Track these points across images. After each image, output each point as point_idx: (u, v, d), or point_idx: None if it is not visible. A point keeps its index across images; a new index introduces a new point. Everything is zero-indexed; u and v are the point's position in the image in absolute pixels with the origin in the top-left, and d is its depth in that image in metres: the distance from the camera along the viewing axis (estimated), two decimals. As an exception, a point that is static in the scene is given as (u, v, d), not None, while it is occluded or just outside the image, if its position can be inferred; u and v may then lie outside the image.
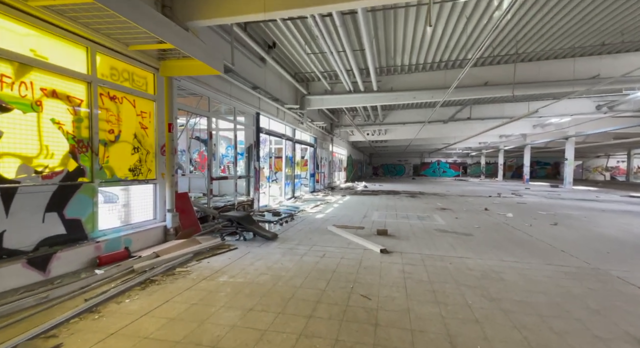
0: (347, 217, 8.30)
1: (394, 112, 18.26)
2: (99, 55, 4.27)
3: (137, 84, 4.95)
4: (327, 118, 17.61)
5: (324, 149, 17.95)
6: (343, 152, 24.86)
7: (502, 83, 10.30)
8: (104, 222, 4.46)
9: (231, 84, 7.51)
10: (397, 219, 7.99)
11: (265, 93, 9.18)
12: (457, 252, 4.92)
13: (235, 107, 8.10)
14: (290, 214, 8.42)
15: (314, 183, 15.80)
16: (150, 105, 5.21)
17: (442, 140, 27.12)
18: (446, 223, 7.51)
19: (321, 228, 6.75)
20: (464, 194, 15.70)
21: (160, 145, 5.37)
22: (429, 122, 17.36)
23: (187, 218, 5.82)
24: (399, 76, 11.50)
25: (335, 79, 12.18)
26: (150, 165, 5.23)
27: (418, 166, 44.57)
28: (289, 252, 4.78)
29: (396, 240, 5.72)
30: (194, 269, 3.96)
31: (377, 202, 11.95)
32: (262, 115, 9.56)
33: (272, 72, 9.94)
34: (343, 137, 22.55)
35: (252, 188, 9.13)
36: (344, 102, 12.08)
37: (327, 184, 18.73)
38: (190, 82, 6.15)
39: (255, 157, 9.16)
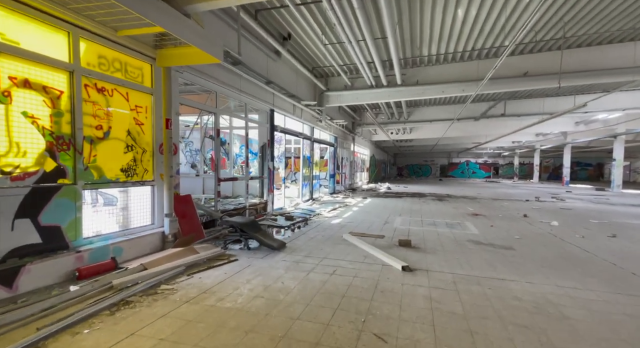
0: (367, 222, 7.53)
1: (420, 109, 17.16)
2: (84, 42, 3.83)
3: (131, 76, 4.50)
4: (348, 116, 16.84)
5: (345, 149, 17.20)
6: (365, 151, 23.95)
7: (545, 73, 9.08)
8: (89, 228, 4.02)
9: (241, 78, 6.98)
10: (422, 227, 7.12)
11: (279, 88, 8.61)
12: (498, 272, 4.05)
13: (246, 103, 7.57)
14: (305, 218, 7.78)
15: (334, 185, 15.10)
16: (146, 99, 4.76)
17: (472, 139, 25.47)
18: (480, 232, 6.55)
19: (336, 236, 6.04)
20: (497, 197, 14.37)
21: (158, 144, 4.91)
22: (458, 119, 16.11)
23: (188, 223, 5.34)
24: (426, 68, 10.54)
25: (356, 74, 11.40)
26: (146, 165, 4.77)
27: (445, 167, 42.57)
28: (294, 267, 4.13)
29: (421, 253, 4.90)
30: (181, 287, 3.40)
31: (400, 205, 11.05)
32: (276, 113, 9.00)
33: (288, 67, 9.35)
34: (365, 136, 21.66)
35: (265, 190, 8.59)
36: (365, 97, 11.28)
37: (348, 185, 17.96)
38: (194, 75, 5.66)
39: (269, 157, 8.61)
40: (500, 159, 40.95)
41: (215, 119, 6.46)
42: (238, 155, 9.76)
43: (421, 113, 17.18)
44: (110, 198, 4.91)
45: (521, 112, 15.45)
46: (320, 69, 10.94)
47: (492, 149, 35.72)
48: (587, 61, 8.83)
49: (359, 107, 17.14)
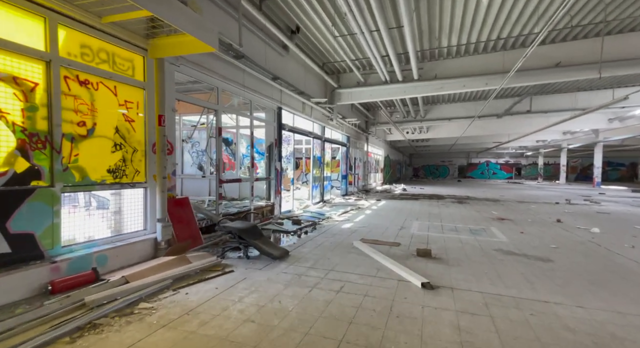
0: (381, 227, 6.92)
1: (438, 106, 16.33)
2: (63, 29, 3.46)
3: (120, 68, 4.12)
4: (361, 115, 16.23)
5: (358, 149, 16.59)
6: (380, 152, 23.22)
7: (582, 63, 8.20)
8: (70, 235, 3.65)
9: (244, 73, 6.55)
10: (443, 233, 6.45)
11: (287, 85, 8.14)
12: (538, 291, 3.39)
13: (251, 100, 7.14)
14: (313, 223, 7.26)
15: (346, 186, 14.52)
16: (138, 94, 4.37)
17: (493, 138, 24.25)
18: (509, 240, 5.83)
19: (346, 242, 5.48)
20: (523, 200, 13.38)
21: (152, 143, 4.51)
22: (479, 116, 15.19)
23: (185, 228, 4.92)
24: (445, 61, 9.82)
25: (369, 69, 10.80)
26: (138, 165, 4.38)
27: (464, 167, 41.07)
28: (295, 281, 3.61)
29: (444, 265, 4.28)
30: (163, 305, 2.95)
31: (417, 208, 10.34)
32: (284, 110, 8.54)
33: (297, 62, 8.88)
34: (380, 135, 20.95)
35: (272, 192, 8.13)
36: (379, 94, 10.66)
37: (361, 187, 17.32)
38: (192, 69, 5.26)
39: (276, 157, 8.15)
40: (522, 159, 39.11)
41: (217, 117, 6.05)
42: (245, 155, 9.37)
43: (439, 111, 16.34)
44: (98, 201, 4.56)
45: (549, 108, 14.38)
46: (331, 64, 10.41)
47: (514, 149, 34.10)
48: (633, 48, 7.89)
49: (373, 105, 16.50)
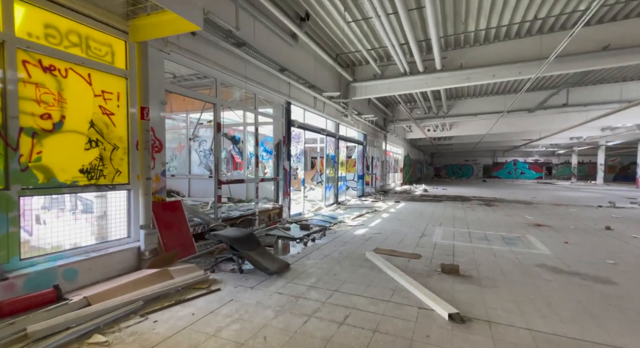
0: (398, 234, 6.15)
1: (462, 101, 15.19)
2: (21, 5, 2.97)
3: (96, 53, 3.61)
4: (378, 111, 15.36)
5: (375, 147, 15.75)
6: (399, 150, 22.20)
7: (636, 44, 7.05)
8: (32, 246, 3.16)
9: (246, 63, 5.96)
10: (471, 241, 5.60)
11: (297, 77, 7.50)
12: (608, 331, 2.55)
13: (255, 93, 6.56)
14: (323, 228, 6.58)
15: (362, 187, 13.73)
16: (118, 84, 3.86)
17: (523, 135, 22.60)
18: (553, 253, 4.91)
19: (357, 253, 4.77)
20: (559, 202, 12.09)
21: (137, 139, 3.99)
22: (508, 111, 13.94)
23: (175, 235, 4.38)
24: (472, 49, 8.87)
25: (387, 60, 9.99)
26: (119, 164, 3.88)
27: (489, 166, 39.02)
28: (291, 306, 2.95)
29: (475, 286, 3.49)
30: (120, 339, 2.37)
31: (440, 211, 9.43)
32: (294, 106, 7.91)
33: (307, 52, 8.22)
34: (399, 133, 19.96)
35: (280, 193, 7.53)
36: (397, 87, 9.84)
37: (379, 187, 16.46)
38: (185, 56, 4.72)
39: (284, 156, 7.54)
40: (553, 158, 36.63)
41: (215, 111, 5.49)
42: (252, 154, 8.82)
43: (463, 106, 15.21)
44: (71, 205, 4.09)
45: (589, 100, 12.96)
46: (345, 56, 9.68)
47: (545, 147, 31.91)
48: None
49: (391, 100, 15.59)
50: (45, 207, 3.86)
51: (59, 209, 3.92)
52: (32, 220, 3.62)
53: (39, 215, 3.73)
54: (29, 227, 3.52)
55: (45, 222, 3.58)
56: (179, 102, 9.58)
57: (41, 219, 3.61)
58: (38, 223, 3.75)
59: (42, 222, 3.65)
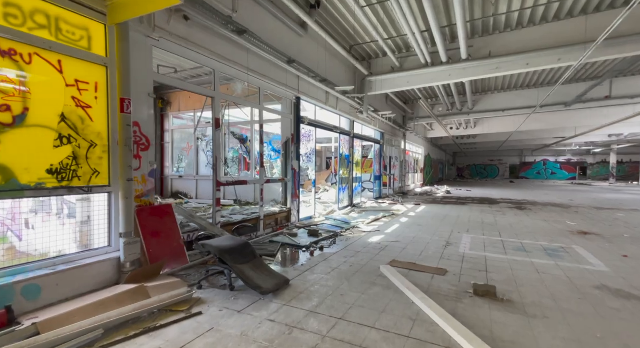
0: (419, 242, 5.41)
1: (489, 96, 14.09)
2: (-32, -21, 2.55)
3: (69, 38, 3.17)
4: (397, 108, 14.54)
5: (394, 147, 14.92)
6: (419, 150, 21.17)
7: None
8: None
9: (249, 53, 5.44)
10: (506, 253, 4.79)
11: (307, 70, 6.91)
12: None
13: (260, 87, 6.03)
14: (334, 234, 5.95)
15: (380, 188, 12.96)
16: (97, 73, 3.41)
17: (555, 132, 20.97)
18: (612, 270, 4.03)
19: (370, 266, 4.10)
20: (601, 206, 10.82)
21: (125, 136, 3.52)
22: (541, 106, 12.74)
23: (162, 244, 3.89)
24: (502, 35, 7.96)
25: (406, 51, 9.23)
26: (96, 164, 3.42)
27: (516, 167, 36.91)
28: (282, 340, 2.34)
29: (519, 317, 2.74)
30: (58, 385, 1.84)
31: (466, 215, 8.55)
32: (304, 101, 7.34)
33: (318, 43, 7.62)
34: (419, 132, 18.97)
35: (289, 196, 6.97)
36: (418, 80, 9.05)
37: (397, 189, 15.60)
38: (177, 44, 4.24)
39: (293, 155, 6.97)
40: (589, 157, 34.10)
41: (214, 105, 4.99)
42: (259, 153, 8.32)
43: (490, 101, 14.10)
44: (38, 210, 3.68)
45: (636, 92, 11.59)
46: (360, 47, 9.01)
47: (579, 145, 29.68)
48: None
49: (411, 96, 14.73)
50: (11, 211, 3.45)
51: (24, 213, 3.50)
52: None
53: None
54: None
55: (8, 229, 3.18)
56: (186, 101, 9.25)
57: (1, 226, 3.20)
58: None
59: (2, 230, 3.25)
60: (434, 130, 20.28)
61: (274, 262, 4.35)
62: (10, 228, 3.41)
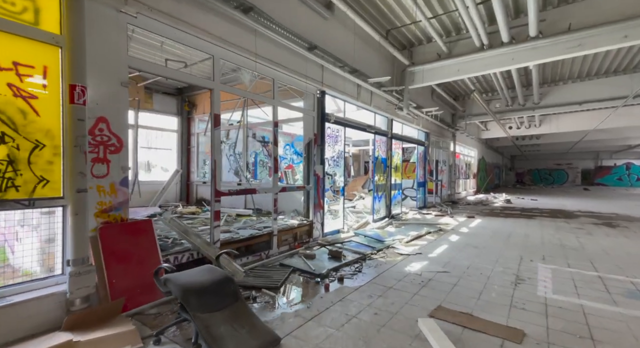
0: (476, 275, 4.00)
1: (560, 87, 11.72)
2: None
3: (6, 9, 2.49)
4: (445, 104, 12.80)
5: (441, 149, 13.17)
6: (471, 152, 18.87)
7: None
8: None
9: (256, 35, 4.53)
10: (614, 301, 3.21)
11: (333, 59, 5.85)
12: None
13: (274, 78, 5.11)
14: (361, 257, 4.75)
15: (424, 196, 11.36)
16: (46, 54, 2.71)
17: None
18: None
19: (404, 316, 2.87)
20: None
21: (77, 135, 2.77)
22: (635, 96, 10.15)
23: (133, 273, 3.08)
24: (587, 2, 6.16)
25: (457, 34, 7.74)
26: (45, 170, 2.70)
27: (590, 171, 31.80)
28: None
29: None
30: None
31: (536, 234, 6.75)
32: (329, 96, 6.29)
33: (346, 28, 6.52)
34: (472, 132, 16.79)
35: (311, 206, 5.93)
36: (471, 67, 7.50)
37: (445, 197, 13.75)
38: (162, 22, 3.46)
39: (315, 159, 5.94)
40: (689, 160, 28.12)
41: (213, 98, 4.16)
42: (282, 157, 7.45)
43: (562, 93, 11.73)
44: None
45: None
46: (398, 32, 7.72)
47: (677, 146, 24.50)
48: None
49: (462, 90, 12.90)
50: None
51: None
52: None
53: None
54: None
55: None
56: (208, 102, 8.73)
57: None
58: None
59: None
60: (489, 130, 17.90)
61: (277, 295, 3.31)
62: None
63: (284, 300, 3.26)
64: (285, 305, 3.13)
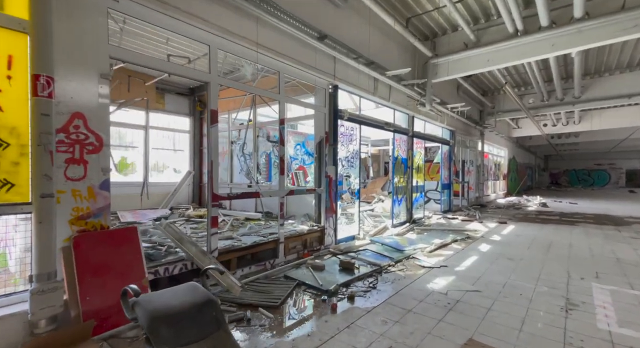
0: (513, 296, 3.33)
1: (605, 79, 10.51)
2: None
3: (-41, -9, 2.20)
4: (472, 100, 11.88)
5: (468, 148, 12.26)
6: (501, 152, 17.64)
7: None
8: None
9: (258, 22, 4.10)
10: None
11: (346, 50, 5.35)
12: None
13: (279, 71, 4.66)
14: (377, 269, 4.19)
15: (449, 199, 10.54)
16: (11, 42, 2.41)
17: None
18: None
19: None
20: None
21: (39, 131, 2.45)
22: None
23: (112, 289, 2.72)
24: (646, -27, 5.28)
25: (485, 20, 7.00)
26: (8, 172, 2.40)
27: (636, 172, 29.07)
28: None
29: None
30: None
31: (583, 244, 5.87)
32: (342, 90, 5.76)
33: (361, 16, 5.98)
34: (501, 130, 15.61)
35: (322, 210, 5.43)
36: (503, 56, 6.73)
37: (473, 199, 12.79)
38: (147, 6, 3.10)
39: (327, 159, 5.44)
40: None
41: (209, 92, 3.77)
42: (293, 158, 7.00)
43: (608, 85, 10.52)
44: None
45: None
46: (420, 20, 7.09)
47: None
48: None
49: (491, 85, 11.95)
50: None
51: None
52: None
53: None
54: None
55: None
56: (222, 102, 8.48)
57: None
58: None
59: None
60: (520, 127, 16.62)
61: (274, 317, 2.84)
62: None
63: (282, 323, 2.78)
64: (283, 331, 2.65)
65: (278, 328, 2.69)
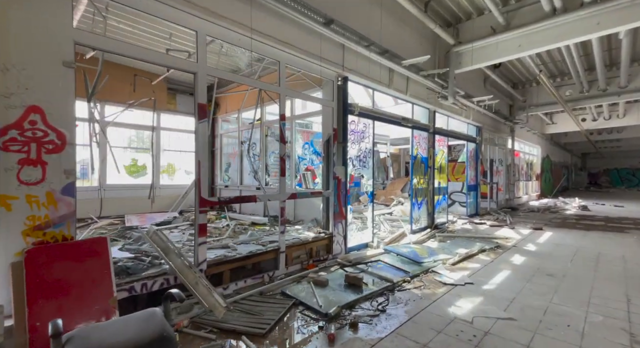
0: (559, 327, 2.65)
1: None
2: None
3: None
4: (500, 93, 10.88)
5: (497, 146, 11.27)
6: (533, 150, 16.30)
7: None
8: None
9: (252, 4, 3.64)
10: None
11: (357, 37, 4.78)
12: None
13: (279, 60, 4.19)
14: (389, 286, 3.61)
15: (476, 201, 9.66)
16: (-52, 27, 2.08)
17: None
18: None
19: None
20: None
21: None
22: None
23: (70, 311, 2.35)
24: None
25: (517, 1, 6.19)
26: (-52, 176, 2.07)
27: (690, 171, 26.21)
28: None
29: None
30: None
31: (636, 259, 4.96)
32: (352, 82, 5.20)
33: (372, 1, 5.40)
34: (534, 126, 14.34)
35: (331, 215, 4.90)
36: (537, 40, 5.92)
37: (503, 202, 11.75)
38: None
39: (335, 159, 4.91)
40: None
41: (196, 84, 3.35)
42: (301, 158, 6.51)
43: (662, 72, 9.24)
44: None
45: None
46: (439, 3, 6.39)
47: None
48: None
49: (522, 76, 10.92)
50: None
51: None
52: None
53: None
54: None
55: None
56: (232, 100, 8.19)
57: None
58: None
59: None
60: (555, 123, 15.26)
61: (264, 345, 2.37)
62: None
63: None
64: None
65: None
